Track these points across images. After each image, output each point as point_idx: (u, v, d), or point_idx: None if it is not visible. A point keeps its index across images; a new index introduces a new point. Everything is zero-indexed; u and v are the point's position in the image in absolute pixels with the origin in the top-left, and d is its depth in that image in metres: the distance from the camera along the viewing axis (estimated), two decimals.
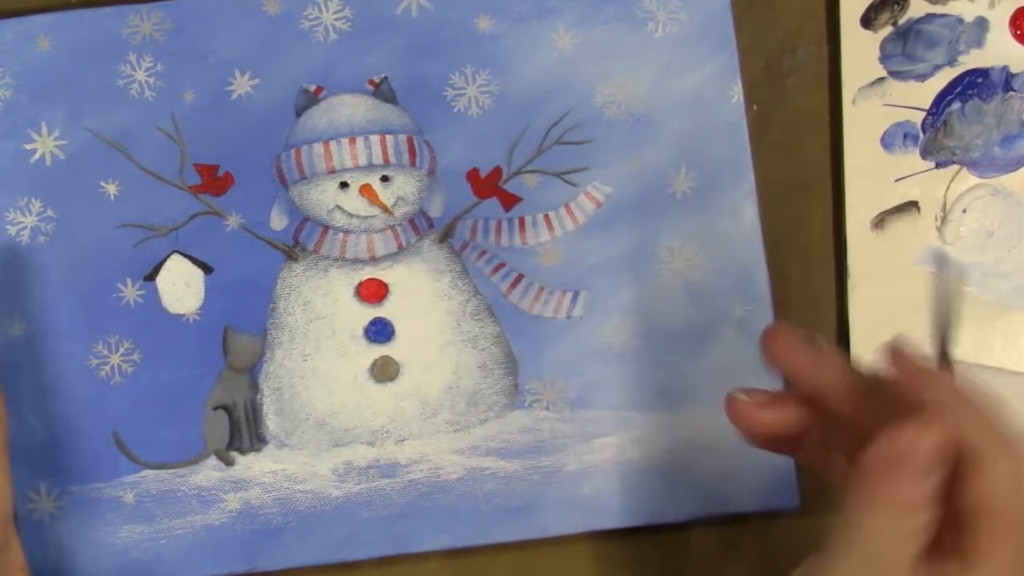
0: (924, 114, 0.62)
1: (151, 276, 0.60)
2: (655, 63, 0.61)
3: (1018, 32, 0.62)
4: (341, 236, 0.61)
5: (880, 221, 0.62)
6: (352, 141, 0.60)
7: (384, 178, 0.61)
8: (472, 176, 0.61)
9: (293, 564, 0.60)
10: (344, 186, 0.61)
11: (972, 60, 0.62)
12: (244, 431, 0.61)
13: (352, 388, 0.61)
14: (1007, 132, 0.62)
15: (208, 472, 0.60)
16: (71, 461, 0.60)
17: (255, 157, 0.61)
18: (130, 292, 0.60)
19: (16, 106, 0.60)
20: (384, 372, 0.61)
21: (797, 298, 0.62)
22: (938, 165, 0.62)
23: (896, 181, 0.62)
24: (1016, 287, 0.62)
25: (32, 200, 0.60)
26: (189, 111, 0.60)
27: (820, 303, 0.62)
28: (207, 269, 0.60)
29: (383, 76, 0.61)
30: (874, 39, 0.62)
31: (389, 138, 0.60)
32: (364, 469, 0.61)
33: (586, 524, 0.61)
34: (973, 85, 0.62)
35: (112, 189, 0.60)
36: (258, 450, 0.61)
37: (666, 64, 0.61)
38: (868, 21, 0.62)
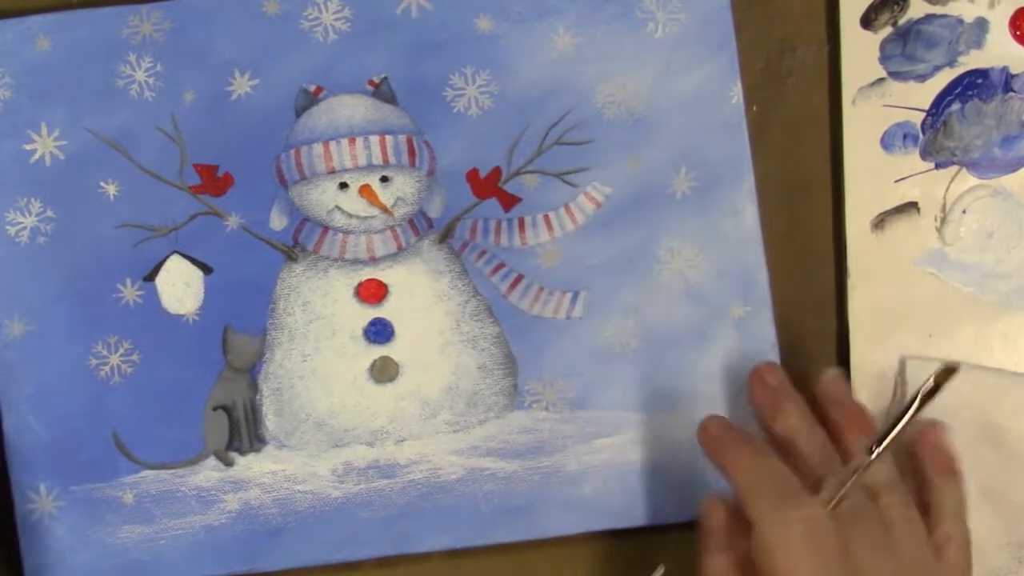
0: (924, 115, 0.62)
1: (151, 276, 0.60)
2: (655, 63, 0.61)
3: (1018, 33, 0.62)
4: (341, 236, 0.61)
5: (880, 221, 0.62)
6: (352, 141, 0.60)
7: (384, 178, 0.61)
8: (472, 176, 0.61)
9: (292, 564, 0.61)
10: (344, 186, 0.61)
11: (972, 61, 0.62)
12: (244, 431, 0.61)
13: (352, 388, 0.61)
14: (1007, 133, 0.62)
15: (208, 472, 0.60)
16: (71, 461, 0.60)
17: (255, 157, 0.60)
18: (130, 292, 0.60)
19: (16, 106, 0.60)
20: (384, 372, 0.61)
21: (797, 298, 0.62)
22: (938, 166, 0.62)
23: (896, 182, 0.62)
24: (1016, 287, 0.62)
25: (32, 200, 0.60)
26: (189, 111, 0.60)
27: (820, 303, 0.63)
28: (207, 269, 0.60)
29: (383, 76, 0.61)
30: (874, 39, 0.62)
31: (389, 138, 0.60)
32: (364, 469, 0.61)
33: (585, 524, 0.61)
34: (973, 86, 0.62)
35: (112, 189, 0.60)
36: (258, 450, 0.61)
37: (666, 64, 0.61)
38: (868, 21, 0.62)
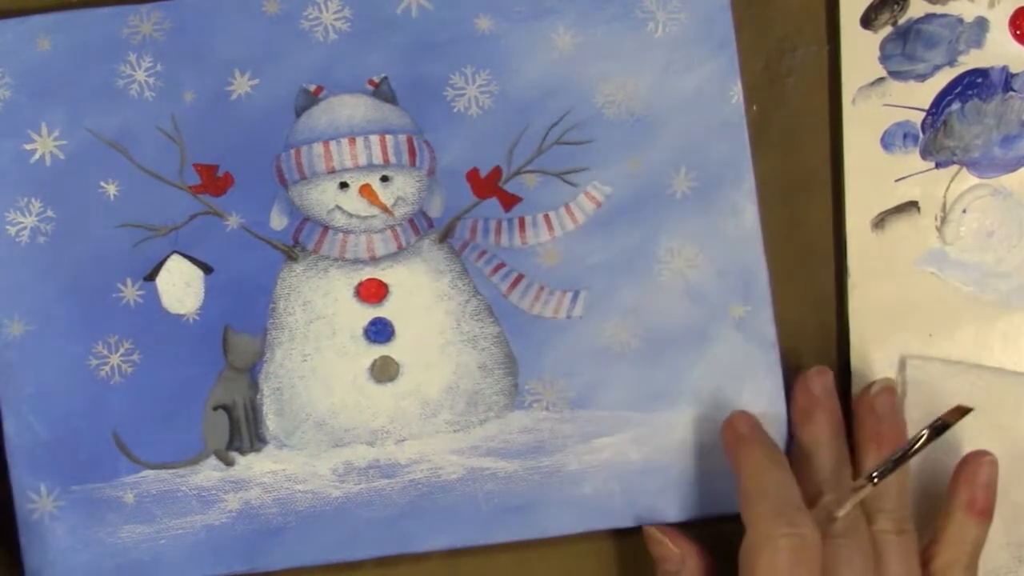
0: (924, 114, 0.62)
1: (151, 276, 0.60)
2: (655, 63, 0.61)
3: (1018, 32, 0.62)
4: (341, 236, 0.61)
5: (880, 221, 0.62)
6: (352, 141, 0.60)
7: (384, 178, 0.61)
8: (472, 176, 0.61)
9: (293, 564, 0.61)
10: (344, 186, 0.61)
11: (972, 60, 0.62)
12: (244, 431, 0.61)
13: (352, 388, 0.61)
14: (1007, 132, 0.62)
15: (208, 472, 0.60)
16: (71, 461, 0.60)
17: (255, 157, 0.60)
18: (130, 292, 0.60)
19: (16, 106, 0.60)
20: (384, 372, 0.61)
21: (797, 298, 0.62)
22: (938, 165, 0.62)
23: (896, 181, 0.62)
24: (1016, 287, 0.62)
25: (32, 200, 0.60)
26: (189, 111, 0.60)
27: (820, 303, 0.63)
28: (207, 269, 0.60)
29: (383, 76, 0.60)
30: (874, 39, 0.62)
31: (389, 138, 0.60)
32: (364, 469, 0.61)
33: (586, 524, 0.61)
34: (973, 85, 0.62)
35: (112, 189, 0.60)
36: (258, 450, 0.61)
37: (666, 64, 0.61)
38: (868, 21, 0.62)
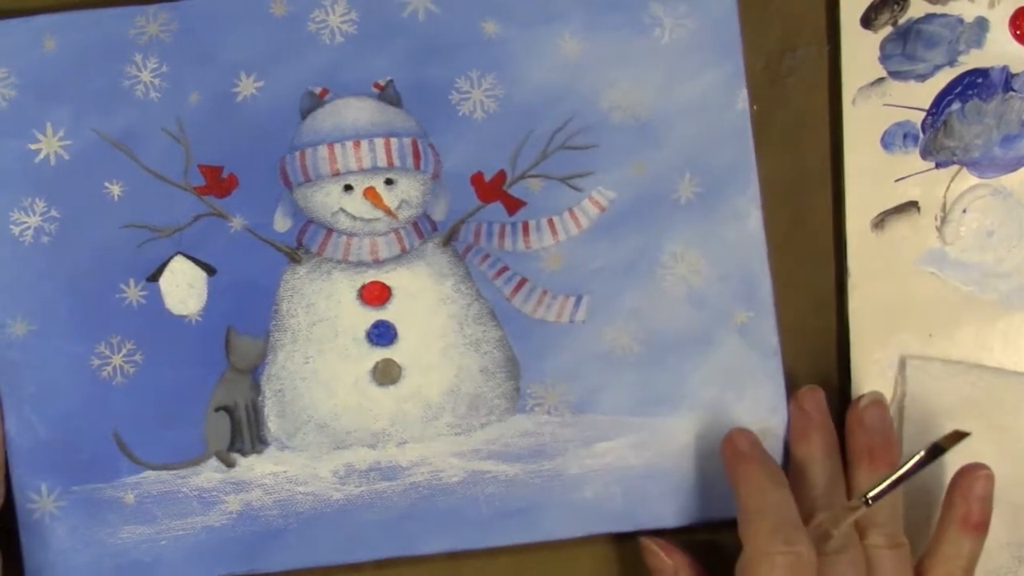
0: (924, 114, 0.62)
1: (154, 277, 0.60)
2: (661, 69, 0.61)
3: (1018, 32, 0.62)
4: (345, 239, 0.61)
5: (880, 221, 0.62)
6: (356, 144, 0.60)
7: (388, 181, 0.61)
8: (476, 180, 0.61)
9: (293, 566, 0.61)
10: (348, 189, 0.61)
11: (972, 60, 0.62)
12: (245, 432, 0.60)
13: (354, 390, 0.61)
14: (1007, 132, 0.62)
15: (209, 473, 0.60)
16: (72, 461, 0.60)
17: (259, 159, 0.60)
18: (133, 293, 0.60)
19: (21, 106, 0.60)
20: (386, 375, 0.61)
21: (797, 298, 0.62)
22: (938, 165, 0.62)
23: (896, 181, 0.62)
24: (1016, 287, 0.62)
25: (36, 200, 0.60)
26: (194, 112, 0.60)
27: (820, 303, 0.63)
28: (210, 270, 0.60)
29: (388, 79, 0.60)
30: (874, 39, 0.62)
31: (394, 141, 0.60)
32: (365, 471, 0.61)
33: (586, 528, 0.61)
34: (973, 85, 0.62)
35: (116, 190, 0.60)
36: (259, 452, 0.61)
37: (672, 70, 0.61)
38: (868, 21, 0.62)
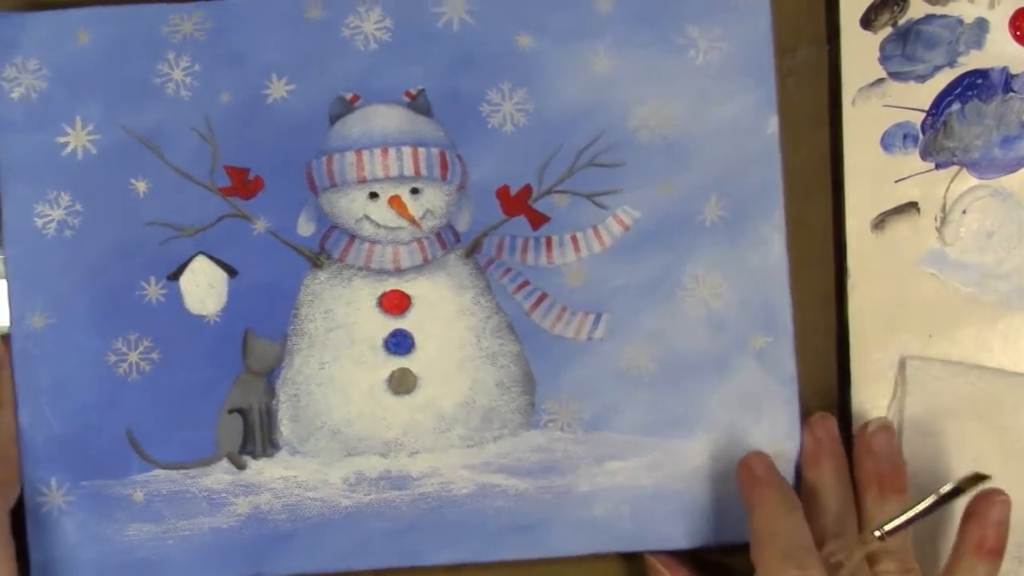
0: (924, 115, 0.62)
1: (175, 276, 0.60)
2: (692, 90, 0.61)
3: (1018, 33, 0.62)
4: (367, 246, 0.61)
5: (880, 222, 0.62)
6: (384, 152, 0.60)
7: (414, 190, 0.61)
8: (502, 193, 0.61)
9: (298, 571, 0.60)
10: (374, 196, 0.61)
11: (972, 61, 0.62)
12: (258, 435, 0.60)
13: (368, 398, 0.61)
14: (1007, 133, 0.62)
15: (219, 475, 0.60)
16: (84, 456, 0.60)
17: (286, 162, 0.60)
18: (153, 291, 0.60)
19: (51, 99, 0.60)
20: (401, 384, 0.61)
21: (797, 298, 0.62)
22: (938, 166, 0.62)
23: (896, 182, 0.62)
24: (1016, 288, 0.62)
25: (61, 194, 0.60)
26: (224, 113, 0.60)
27: (820, 303, 0.63)
28: (231, 272, 0.60)
29: (420, 88, 0.60)
30: (874, 40, 0.62)
31: (421, 150, 0.60)
32: (375, 480, 0.60)
33: (595, 546, 0.61)
34: (973, 86, 0.62)
35: (141, 187, 0.60)
36: (270, 455, 0.60)
37: (704, 92, 0.61)
38: (868, 22, 0.62)
